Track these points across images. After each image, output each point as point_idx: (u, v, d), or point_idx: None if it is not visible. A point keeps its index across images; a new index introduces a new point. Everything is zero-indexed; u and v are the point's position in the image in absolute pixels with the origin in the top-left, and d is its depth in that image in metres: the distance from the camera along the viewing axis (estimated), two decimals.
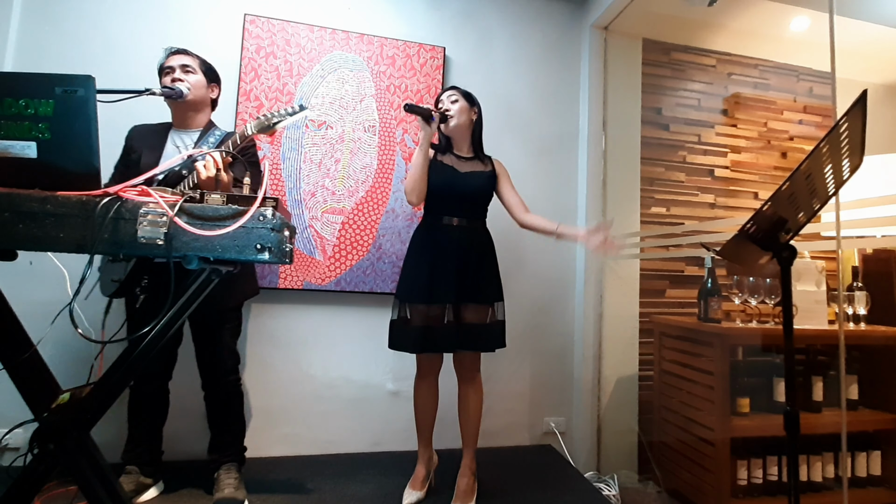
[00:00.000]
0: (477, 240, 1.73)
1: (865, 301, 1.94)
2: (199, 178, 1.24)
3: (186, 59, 1.61)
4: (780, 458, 1.85)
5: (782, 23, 2.40)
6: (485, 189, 1.75)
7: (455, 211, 1.70)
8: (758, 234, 0.97)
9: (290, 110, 1.34)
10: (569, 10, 2.51)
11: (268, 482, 1.79)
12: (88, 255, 0.84)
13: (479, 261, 1.70)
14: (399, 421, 2.18)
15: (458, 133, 1.75)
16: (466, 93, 1.77)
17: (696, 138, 2.54)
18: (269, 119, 1.33)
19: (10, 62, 1.87)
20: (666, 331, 2.13)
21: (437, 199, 1.71)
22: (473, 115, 1.78)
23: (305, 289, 2.08)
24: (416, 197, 1.67)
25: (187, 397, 1.76)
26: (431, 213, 1.74)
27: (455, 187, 1.70)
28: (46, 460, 0.92)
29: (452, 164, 1.74)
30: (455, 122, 1.71)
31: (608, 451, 2.28)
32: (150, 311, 1.45)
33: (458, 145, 1.79)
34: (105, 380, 0.96)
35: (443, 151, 1.77)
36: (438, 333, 1.63)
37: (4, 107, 0.85)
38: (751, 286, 1.89)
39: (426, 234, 1.73)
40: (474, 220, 1.74)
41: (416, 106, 1.60)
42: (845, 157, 0.91)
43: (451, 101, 1.73)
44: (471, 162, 1.77)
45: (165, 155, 1.58)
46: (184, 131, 1.63)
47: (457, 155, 1.77)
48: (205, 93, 1.64)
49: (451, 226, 1.70)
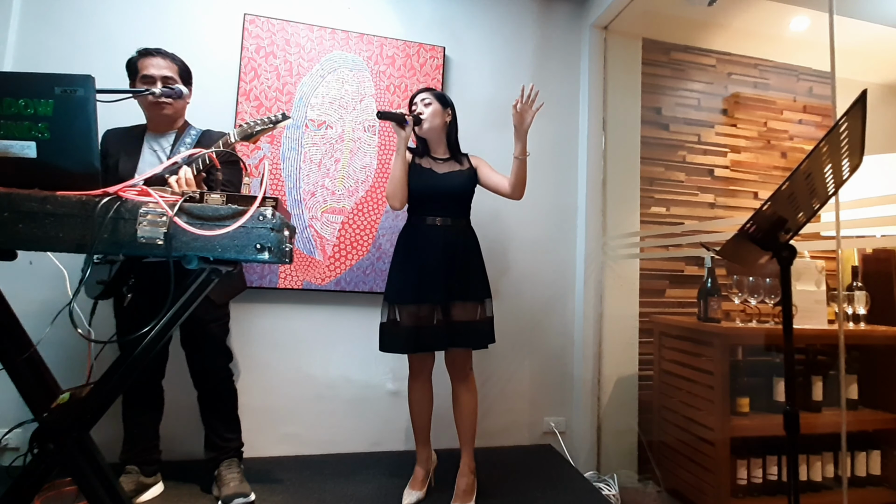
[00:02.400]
0: (462, 238, 1.74)
1: (865, 301, 1.94)
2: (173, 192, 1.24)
3: (165, 67, 1.53)
4: (779, 458, 1.85)
5: (782, 22, 2.40)
6: (465, 187, 1.76)
7: (437, 211, 1.72)
8: (758, 233, 0.97)
9: (273, 118, 1.35)
10: (569, 10, 2.51)
11: (268, 482, 1.79)
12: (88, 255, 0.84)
13: (466, 259, 1.72)
14: (399, 421, 2.18)
15: (432, 135, 1.77)
16: (440, 95, 1.79)
17: (696, 138, 2.54)
18: (252, 127, 1.34)
19: (9, 62, 1.87)
20: (666, 330, 2.13)
21: (419, 201, 1.73)
22: (447, 117, 1.78)
23: (305, 289, 2.08)
24: (398, 202, 1.70)
25: (187, 397, 1.76)
26: (415, 214, 1.75)
27: (435, 188, 1.72)
28: (46, 460, 0.92)
29: (430, 167, 1.76)
30: (428, 125, 1.73)
31: (608, 450, 2.28)
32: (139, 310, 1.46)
33: (434, 147, 1.80)
34: (105, 380, 0.96)
35: (420, 155, 1.79)
36: (428, 333, 1.65)
37: (4, 107, 0.85)
38: (751, 286, 1.89)
39: (411, 235, 1.74)
40: (457, 220, 1.75)
41: (388, 112, 1.64)
42: (845, 156, 0.91)
43: (425, 104, 1.74)
44: (448, 163, 1.79)
45: (143, 160, 1.57)
46: (160, 135, 1.61)
47: (433, 157, 1.79)
48: (183, 103, 1.60)
49: (434, 226, 1.71)
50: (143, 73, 1.52)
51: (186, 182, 1.29)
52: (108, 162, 1.57)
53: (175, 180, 1.28)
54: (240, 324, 2.04)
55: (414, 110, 1.75)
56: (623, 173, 2.42)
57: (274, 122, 1.35)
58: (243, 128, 1.34)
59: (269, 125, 1.35)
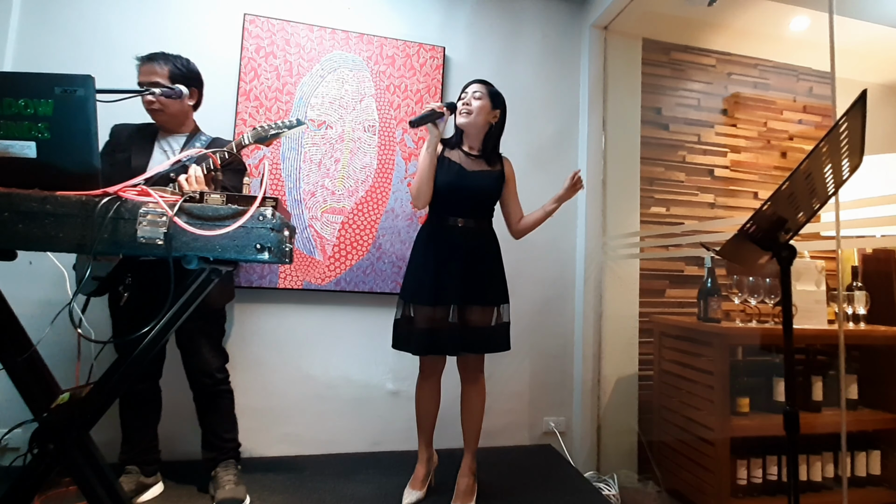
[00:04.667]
0: (483, 241, 1.70)
1: (865, 301, 1.94)
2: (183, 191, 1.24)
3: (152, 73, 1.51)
4: (779, 458, 1.85)
5: (782, 22, 2.40)
6: (492, 189, 1.71)
7: (461, 211, 1.67)
8: (757, 233, 0.97)
9: (288, 123, 1.36)
10: (569, 10, 2.51)
11: (268, 482, 1.79)
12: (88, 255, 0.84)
13: (485, 262, 1.68)
14: (399, 421, 2.18)
15: (472, 130, 1.69)
16: (494, 92, 1.70)
17: (696, 138, 2.54)
18: (266, 130, 1.35)
19: (9, 62, 1.87)
20: (666, 331, 2.13)
21: (443, 199, 1.66)
22: (493, 118, 1.70)
23: (305, 289, 2.08)
24: (422, 202, 1.64)
25: (186, 397, 1.76)
26: (437, 212, 1.70)
27: (462, 187, 1.65)
28: (46, 460, 0.92)
29: (460, 162, 1.68)
30: (471, 120, 1.65)
31: (608, 450, 2.28)
32: (135, 309, 1.46)
33: (470, 141, 1.72)
34: (105, 380, 0.96)
35: (452, 146, 1.71)
36: (443, 336, 1.61)
37: (4, 107, 0.85)
38: (750, 286, 1.89)
39: (431, 234, 1.69)
40: (480, 221, 1.71)
41: (421, 116, 1.53)
42: (845, 156, 0.91)
43: (475, 97, 1.66)
44: (479, 160, 1.71)
45: (154, 160, 1.57)
46: (171, 136, 1.62)
47: (466, 152, 1.71)
48: (180, 106, 1.58)
49: (456, 226, 1.66)
50: (138, 81, 1.54)
51: (196, 180, 1.28)
52: (119, 157, 1.56)
53: (185, 178, 1.28)
54: (240, 324, 2.04)
55: (464, 98, 1.67)
56: (623, 173, 2.42)
57: (289, 126, 1.35)
58: (257, 130, 1.35)
59: (284, 129, 1.35)
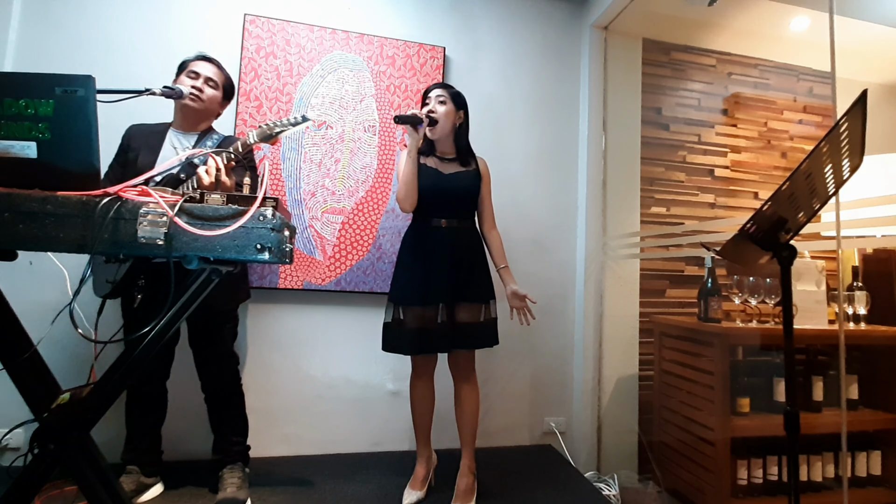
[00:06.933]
0: (467, 240, 1.74)
1: (865, 301, 1.94)
2: (202, 184, 1.22)
3: (213, 71, 1.63)
4: (780, 458, 1.85)
5: (782, 23, 2.40)
6: (471, 188, 1.75)
7: (443, 212, 1.71)
8: (758, 233, 0.97)
9: (292, 120, 1.35)
10: (569, 10, 2.51)
11: (268, 482, 1.79)
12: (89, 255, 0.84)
13: (471, 260, 1.71)
14: (399, 421, 2.18)
15: (441, 136, 1.74)
16: (455, 94, 1.75)
17: (696, 138, 2.54)
18: (272, 128, 1.34)
19: (10, 62, 1.87)
20: (666, 331, 2.12)
21: (424, 202, 1.70)
22: (459, 119, 1.75)
23: (305, 289, 2.08)
24: (409, 204, 1.68)
25: (188, 397, 1.76)
26: (420, 215, 1.74)
27: (440, 189, 1.70)
28: (46, 460, 0.92)
29: (436, 167, 1.74)
30: (437, 129, 1.70)
31: (608, 450, 2.28)
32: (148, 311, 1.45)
33: (442, 146, 1.78)
34: (105, 380, 0.96)
35: (426, 153, 1.76)
36: (433, 334, 1.64)
37: (4, 107, 0.85)
38: (751, 286, 1.89)
39: (416, 236, 1.74)
40: (463, 221, 1.75)
41: (404, 116, 1.62)
42: (845, 156, 0.91)
43: (439, 102, 1.71)
44: (454, 163, 1.76)
45: (163, 156, 1.57)
46: (182, 133, 1.63)
47: (440, 157, 1.77)
48: (216, 108, 1.68)
49: (440, 227, 1.70)
50: (191, 69, 1.60)
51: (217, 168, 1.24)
52: (129, 156, 1.58)
53: (204, 170, 1.23)
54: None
55: (428, 104, 1.71)
56: (623, 173, 2.42)
57: (294, 123, 1.35)
58: (262, 129, 1.35)
59: (289, 126, 1.35)
